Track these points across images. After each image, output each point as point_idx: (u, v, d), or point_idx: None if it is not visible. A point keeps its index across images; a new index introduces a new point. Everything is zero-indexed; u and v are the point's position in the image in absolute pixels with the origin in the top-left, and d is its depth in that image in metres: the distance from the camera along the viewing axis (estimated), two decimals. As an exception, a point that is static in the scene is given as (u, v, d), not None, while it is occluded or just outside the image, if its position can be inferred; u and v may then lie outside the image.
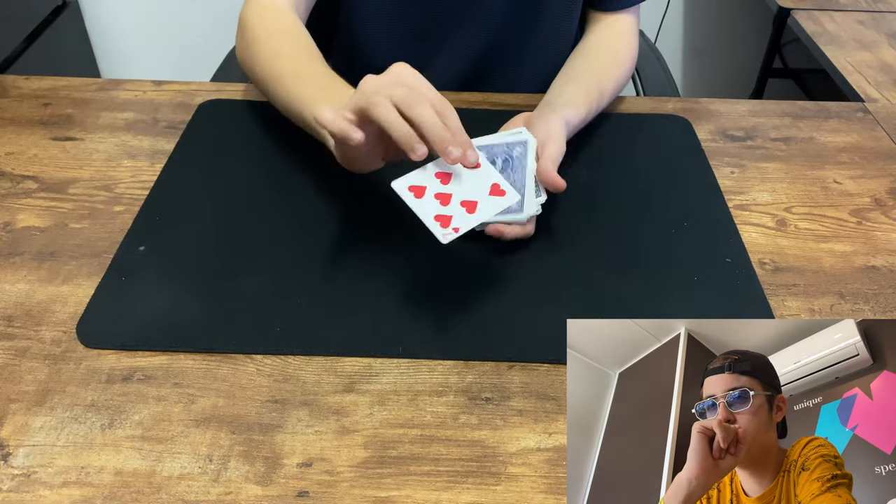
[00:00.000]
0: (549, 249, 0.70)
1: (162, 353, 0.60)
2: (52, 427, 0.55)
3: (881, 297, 0.67)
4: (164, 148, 0.83)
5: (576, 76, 0.85)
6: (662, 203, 0.77)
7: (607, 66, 0.88)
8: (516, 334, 0.62)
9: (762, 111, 0.93)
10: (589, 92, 0.83)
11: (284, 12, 0.83)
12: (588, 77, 0.85)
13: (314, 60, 0.77)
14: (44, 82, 0.94)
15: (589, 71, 0.86)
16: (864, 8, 1.30)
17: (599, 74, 0.86)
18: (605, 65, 0.88)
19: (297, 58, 0.78)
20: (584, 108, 0.80)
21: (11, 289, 0.65)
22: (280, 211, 0.74)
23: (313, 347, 0.61)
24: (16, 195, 0.76)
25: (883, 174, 0.83)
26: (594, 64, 0.88)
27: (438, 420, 0.56)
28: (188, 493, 0.51)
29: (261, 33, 0.82)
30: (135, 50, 2.08)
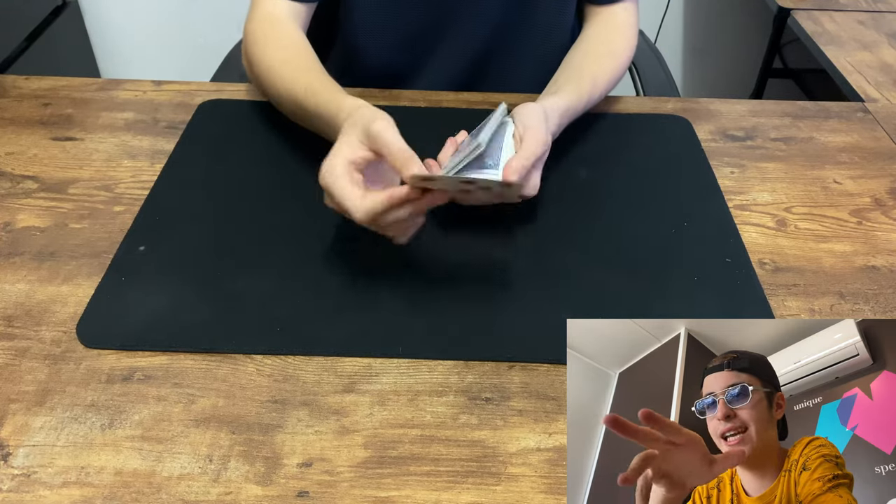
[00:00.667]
0: (549, 249, 0.70)
1: (162, 353, 0.60)
2: (52, 427, 0.55)
3: (881, 297, 0.67)
4: (164, 148, 0.83)
5: (568, 67, 0.86)
6: (662, 203, 0.77)
7: (602, 58, 0.88)
8: (516, 334, 0.62)
9: (762, 111, 0.93)
10: (581, 80, 0.83)
11: (285, 23, 0.86)
12: (581, 68, 0.85)
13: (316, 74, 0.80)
14: (44, 82, 0.94)
15: (582, 63, 0.87)
16: (864, 8, 1.30)
17: (592, 65, 0.86)
18: (600, 56, 0.88)
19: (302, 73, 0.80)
20: (574, 97, 0.80)
21: (11, 289, 0.65)
22: (280, 211, 0.74)
23: (313, 347, 0.61)
24: (16, 195, 0.76)
25: (883, 174, 0.83)
26: (588, 56, 0.88)
27: (438, 420, 0.56)
28: (188, 493, 0.51)
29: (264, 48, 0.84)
30: (135, 50, 2.08)
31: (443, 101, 0.92)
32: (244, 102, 0.90)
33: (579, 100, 0.81)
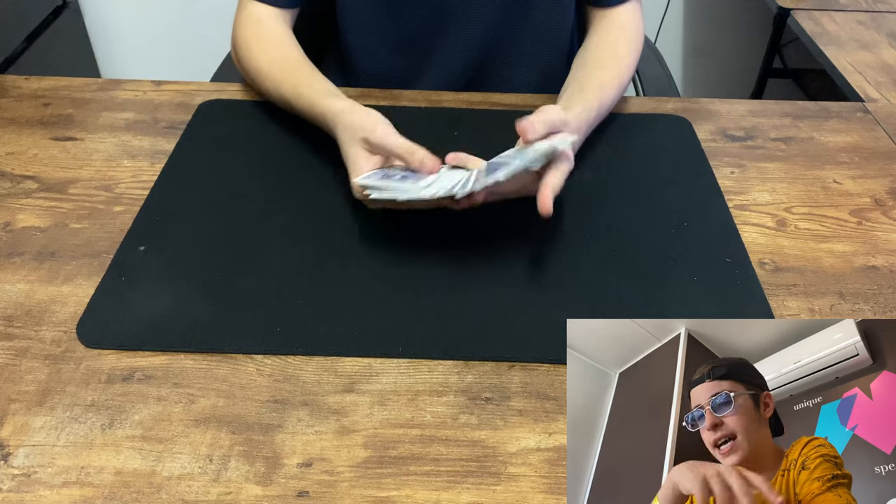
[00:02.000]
0: (549, 249, 0.70)
1: (162, 353, 0.60)
2: (53, 427, 0.55)
3: (881, 297, 0.67)
4: (164, 148, 0.83)
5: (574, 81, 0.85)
6: (662, 203, 0.77)
7: (607, 65, 0.87)
8: (516, 334, 0.62)
9: (762, 111, 0.93)
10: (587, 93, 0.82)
11: (271, 24, 0.88)
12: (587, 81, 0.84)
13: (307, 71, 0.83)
14: (44, 82, 0.94)
15: (588, 75, 0.86)
16: (864, 8, 1.30)
17: (598, 74, 0.86)
18: (605, 64, 0.87)
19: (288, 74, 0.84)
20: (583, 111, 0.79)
21: (11, 289, 0.66)
22: (280, 211, 0.74)
23: (313, 347, 0.61)
24: (16, 195, 0.76)
25: (883, 174, 0.83)
26: (593, 65, 0.87)
27: (438, 420, 0.56)
28: (188, 493, 0.51)
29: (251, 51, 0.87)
30: (135, 50, 2.08)
31: (443, 101, 0.92)
32: (244, 102, 0.90)
33: (589, 112, 0.80)
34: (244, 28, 0.88)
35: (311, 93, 0.79)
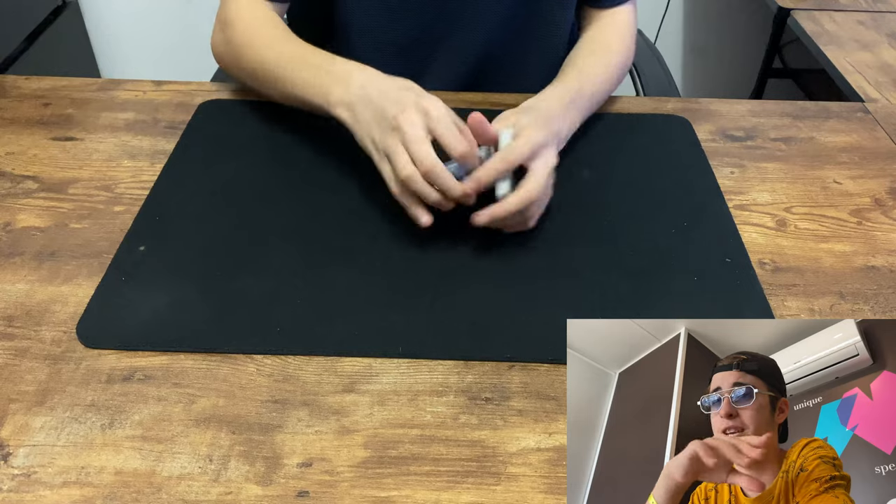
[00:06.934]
0: (549, 249, 0.70)
1: (162, 353, 0.60)
2: (53, 427, 0.55)
3: (881, 297, 0.67)
4: (164, 148, 0.83)
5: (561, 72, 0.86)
6: (662, 203, 0.77)
7: (595, 52, 0.88)
8: (516, 334, 0.62)
9: (762, 111, 0.93)
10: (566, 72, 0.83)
11: (263, 6, 0.87)
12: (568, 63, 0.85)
13: (304, 45, 0.81)
14: (44, 82, 0.94)
15: (570, 59, 0.87)
16: (864, 8, 1.30)
17: (581, 58, 0.86)
18: (592, 51, 0.88)
19: (290, 44, 0.81)
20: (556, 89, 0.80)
21: (11, 289, 0.66)
22: (280, 211, 0.74)
23: (313, 347, 0.61)
24: (16, 195, 0.76)
25: (883, 174, 0.83)
26: (578, 51, 0.88)
27: (438, 420, 0.56)
28: (188, 493, 0.51)
29: (246, 26, 0.85)
30: (135, 50, 2.08)
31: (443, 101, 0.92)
32: (244, 102, 0.90)
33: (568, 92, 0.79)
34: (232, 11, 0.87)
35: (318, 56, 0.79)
